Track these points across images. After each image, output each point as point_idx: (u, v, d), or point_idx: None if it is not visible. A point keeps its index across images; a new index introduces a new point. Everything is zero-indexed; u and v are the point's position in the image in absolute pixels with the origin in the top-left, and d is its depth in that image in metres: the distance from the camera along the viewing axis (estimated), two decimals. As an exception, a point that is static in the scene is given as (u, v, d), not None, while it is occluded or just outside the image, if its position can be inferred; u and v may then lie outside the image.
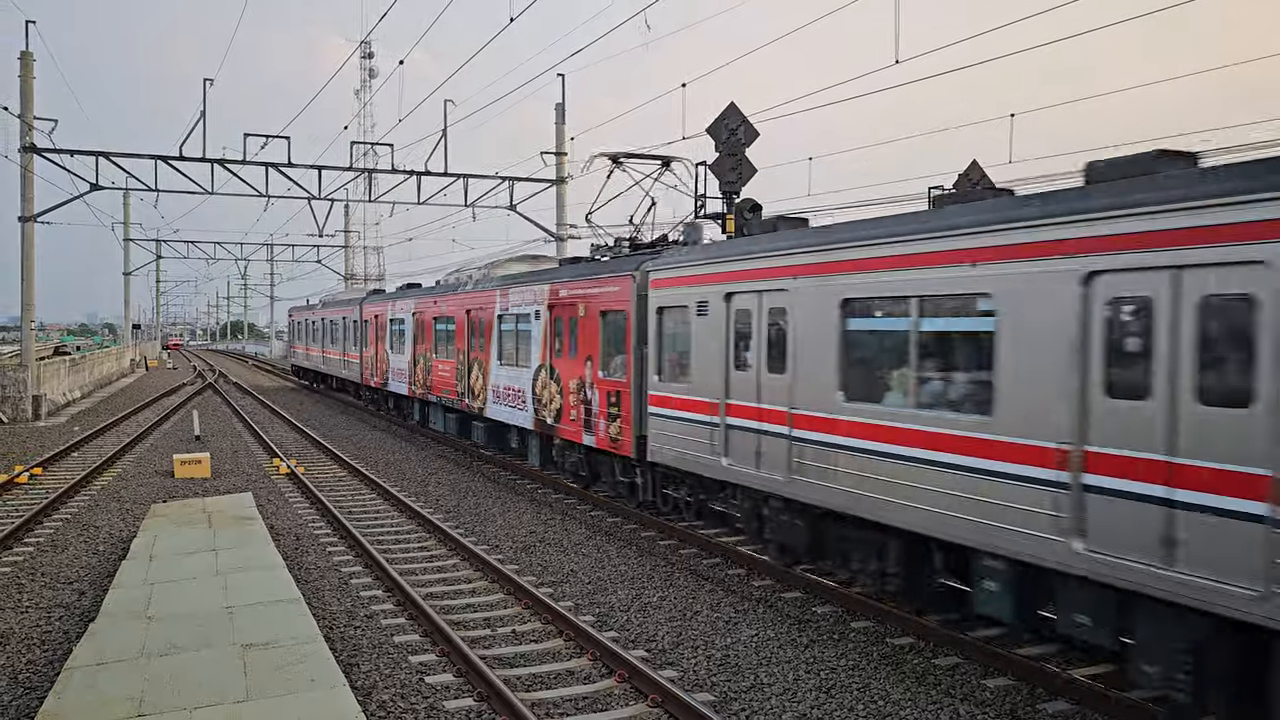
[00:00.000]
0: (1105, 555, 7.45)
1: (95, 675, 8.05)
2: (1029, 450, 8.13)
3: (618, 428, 15.78)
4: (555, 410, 18.35)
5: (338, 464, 22.82)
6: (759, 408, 11.99)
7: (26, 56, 31.75)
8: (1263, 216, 6.46)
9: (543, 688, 8.85)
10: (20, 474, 20.02)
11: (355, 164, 34.88)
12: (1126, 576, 7.31)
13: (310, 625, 9.48)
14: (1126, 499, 7.32)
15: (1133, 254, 7.27)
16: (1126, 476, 7.33)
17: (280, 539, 14.24)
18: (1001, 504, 8.42)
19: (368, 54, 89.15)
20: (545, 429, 19.03)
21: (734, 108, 19.90)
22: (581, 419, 17.15)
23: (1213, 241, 6.73)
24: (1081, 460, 7.70)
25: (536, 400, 19.38)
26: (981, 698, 8.62)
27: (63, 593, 11.89)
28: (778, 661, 9.51)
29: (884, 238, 9.90)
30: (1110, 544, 7.42)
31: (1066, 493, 7.81)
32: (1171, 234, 7.01)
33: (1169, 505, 7.02)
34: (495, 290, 22.13)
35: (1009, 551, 8.42)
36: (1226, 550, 6.62)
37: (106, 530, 15.43)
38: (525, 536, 15.10)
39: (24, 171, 31.25)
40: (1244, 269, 6.56)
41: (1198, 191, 6.89)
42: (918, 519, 9.41)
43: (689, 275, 13.71)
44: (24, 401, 32.14)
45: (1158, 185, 7.27)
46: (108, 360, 56.62)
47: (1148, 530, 7.13)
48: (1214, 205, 6.76)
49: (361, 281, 72.27)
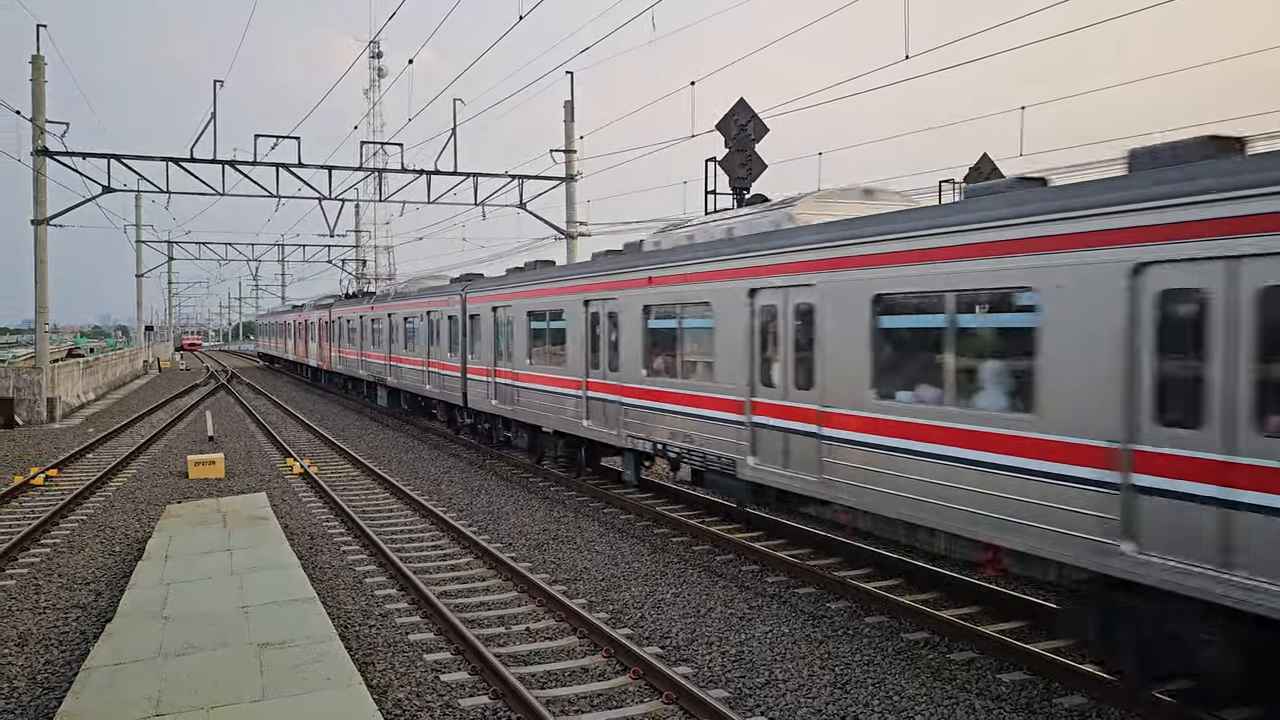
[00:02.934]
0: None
1: (113, 675, 8.09)
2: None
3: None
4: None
5: (350, 463, 22.89)
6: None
7: (38, 60, 31.89)
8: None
9: (557, 685, 8.86)
10: (36, 476, 20.14)
11: (365, 164, 34.99)
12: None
13: (326, 624, 9.50)
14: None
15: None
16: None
17: (295, 538, 14.29)
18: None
19: (376, 54, 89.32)
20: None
21: (743, 103, 19.89)
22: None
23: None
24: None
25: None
26: (997, 692, 8.59)
27: (79, 593, 11.96)
28: (792, 657, 9.50)
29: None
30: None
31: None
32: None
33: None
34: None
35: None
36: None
37: (122, 531, 15.51)
38: (538, 534, 15.12)
39: (37, 175, 31.41)
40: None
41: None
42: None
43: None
44: (39, 404, 32.34)
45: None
46: (121, 362, 56.89)
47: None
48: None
49: (371, 281, 72.38)
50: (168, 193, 33.16)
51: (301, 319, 51.78)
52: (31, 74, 31.85)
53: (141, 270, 74.02)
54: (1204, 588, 6.81)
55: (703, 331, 13.45)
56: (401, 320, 29.95)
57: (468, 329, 23.72)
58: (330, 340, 42.33)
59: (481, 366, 22.32)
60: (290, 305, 63.65)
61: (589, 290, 16.82)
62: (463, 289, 24.06)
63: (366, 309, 34.52)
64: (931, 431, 9.20)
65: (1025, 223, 8.24)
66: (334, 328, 41.21)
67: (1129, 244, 7.34)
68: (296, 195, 35.04)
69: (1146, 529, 7.23)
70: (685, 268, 13.72)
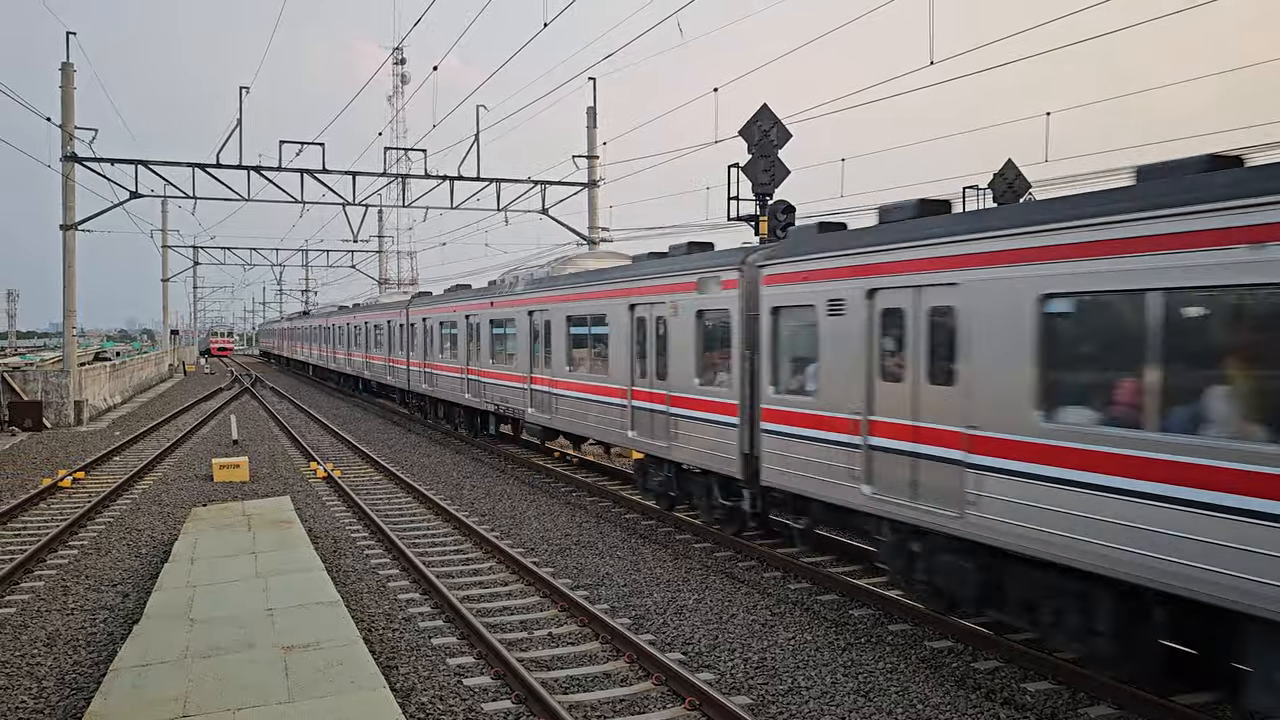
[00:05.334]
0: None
1: (140, 676, 8.17)
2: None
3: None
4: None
5: (373, 468, 23.01)
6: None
7: (67, 68, 32.26)
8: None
9: (580, 690, 8.87)
10: (64, 478, 20.37)
11: (389, 169, 35.19)
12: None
13: (350, 627, 9.56)
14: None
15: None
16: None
17: (318, 542, 14.38)
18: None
19: (400, 60, 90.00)
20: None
21: (766, 109, 19.88)
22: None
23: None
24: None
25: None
26: (1022, 701, 8.53)
27: (107, 595, 12.08)
28: (815, 664, 9.48)
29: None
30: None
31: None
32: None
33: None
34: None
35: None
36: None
37: (148, 533, 15.65)
38: (560, 539, 15.14)
39: (65, 180, 31.79)
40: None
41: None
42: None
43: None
44: (66, 406, 32.68)
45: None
46: (147, 366, 57.43)
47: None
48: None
49: (395, 286, 72.80)
50: (194, 198, 33.52)
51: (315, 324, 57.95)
52: (61, 81, 32.23)
53: (167, 275, 74.67)
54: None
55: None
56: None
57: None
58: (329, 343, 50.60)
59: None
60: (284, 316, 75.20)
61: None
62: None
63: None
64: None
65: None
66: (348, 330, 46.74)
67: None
68: (321, 201, 35.33)
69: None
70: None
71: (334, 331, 48.80)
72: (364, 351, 40.76)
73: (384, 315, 36.91)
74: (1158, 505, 7.28)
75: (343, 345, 45.92)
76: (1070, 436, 8.04)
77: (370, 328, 39.33)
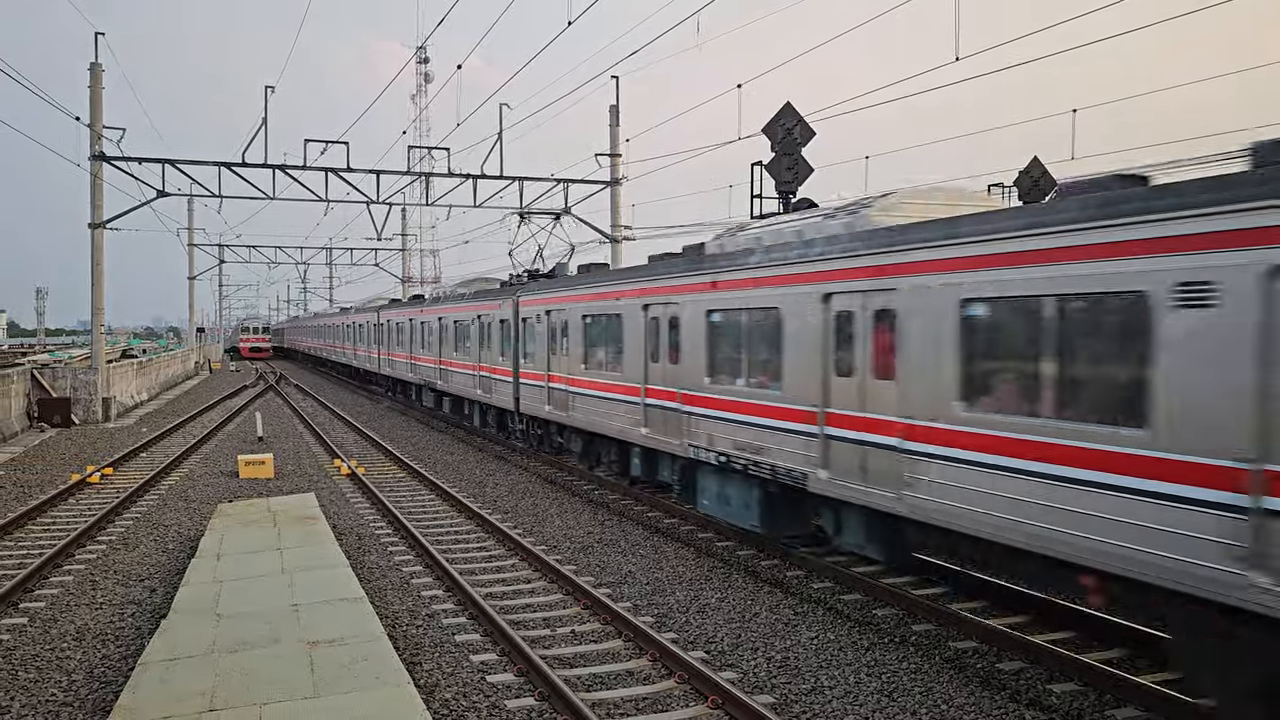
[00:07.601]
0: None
1: (168, 671, 8.25)
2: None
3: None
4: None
5: (397, 465, 23.13)
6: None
7: (96, 68, 32.57)
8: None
9: (603, 688, 8.89)
10: (92, 474, 20.60)
11: (412, 168, 35.31)
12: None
13: (374, 624, 9.61)
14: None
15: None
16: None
17: (343, 538, 14.46)
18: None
19: (423, 59, 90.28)
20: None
21: (789, 107, 19.82)
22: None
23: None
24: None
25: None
26: (1048, 703, 8.47)
27: (135, 589, 12.20)
28: (838, 664, 9.45)
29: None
30: None
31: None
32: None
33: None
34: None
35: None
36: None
37: (175, 529, 15.80)
38: (583, 537, 15.17)
39: (94, 179, 32.10)
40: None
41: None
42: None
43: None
44: (94, 403, 33.03)
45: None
46: (173, 363, 57.97)
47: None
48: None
49: (418, 285, 73.12)
50: (220, 196, 33.66)
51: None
52: (89, 81, 32.55)
53: (193, 273, 75.34)
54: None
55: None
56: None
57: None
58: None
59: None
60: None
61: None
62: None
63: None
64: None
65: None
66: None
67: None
68: (345, 199, 35.46)
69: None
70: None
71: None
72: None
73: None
74: (1037, 481, 8.41)
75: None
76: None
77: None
